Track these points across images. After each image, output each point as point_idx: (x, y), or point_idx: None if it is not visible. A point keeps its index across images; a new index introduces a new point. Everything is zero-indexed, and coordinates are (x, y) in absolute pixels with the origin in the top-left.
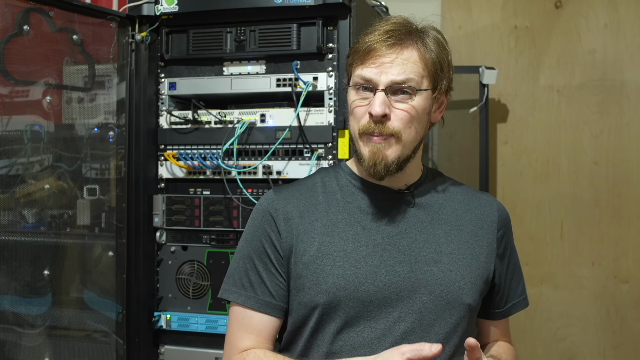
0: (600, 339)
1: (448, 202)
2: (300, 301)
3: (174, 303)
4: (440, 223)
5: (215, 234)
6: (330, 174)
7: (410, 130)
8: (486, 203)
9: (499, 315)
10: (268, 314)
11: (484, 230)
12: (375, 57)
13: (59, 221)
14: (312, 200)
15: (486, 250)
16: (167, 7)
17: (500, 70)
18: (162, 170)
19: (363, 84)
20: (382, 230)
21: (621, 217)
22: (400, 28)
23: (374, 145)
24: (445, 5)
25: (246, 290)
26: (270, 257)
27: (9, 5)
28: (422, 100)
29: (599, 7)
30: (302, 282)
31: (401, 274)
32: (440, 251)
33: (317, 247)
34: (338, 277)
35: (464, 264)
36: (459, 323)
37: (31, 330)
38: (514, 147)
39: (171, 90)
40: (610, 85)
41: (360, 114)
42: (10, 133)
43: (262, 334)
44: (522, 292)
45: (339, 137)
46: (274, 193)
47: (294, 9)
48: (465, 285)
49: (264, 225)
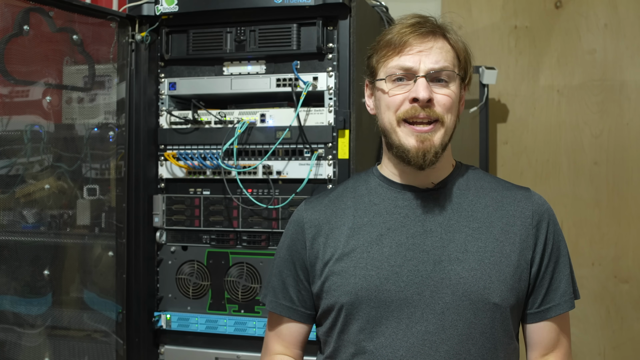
0: (600, 339)
1: (479, 199)
2: (327, 303)
3: (174, 303)
4: (468, 221)
5: (215, 234)
6: (361, 178)
7: (451, 116)
8: (522, 198)
9: (531, 317)
10: (291, 319)
11: (516, 227)
12: (412, 47)
13: (59, 221)
14: (340, 206)
15: (519, 247)
16: (167, 7)
17: (500, 70)
18: (162, 170)
19: (402, 74)
20: (407, 230)
21: (621, 217)
22: (427, 21)
23: (421, 135)
24: (445, 5)
25: (273, 296)
26: (295, 266)
27: (9, 5)
28: (456, 88)
29: (599, 7)
30: (328, 285)
31: (424, 274)
32: (466, 250)
33: (342, 250)
34: (360, 278)
35: (492, 261)
36: (486, 324)
37: (31, 330)
38: (514, 147)
39: (171, 90)
40: (610, 85)
41: (398, 102)
42: (10, 133)
43: (287, 339)
44: (565, 294)
45: (339, 137)
46: (304, 204)
47: (294, 9)
48: (492, 284)
49: (293, 236)
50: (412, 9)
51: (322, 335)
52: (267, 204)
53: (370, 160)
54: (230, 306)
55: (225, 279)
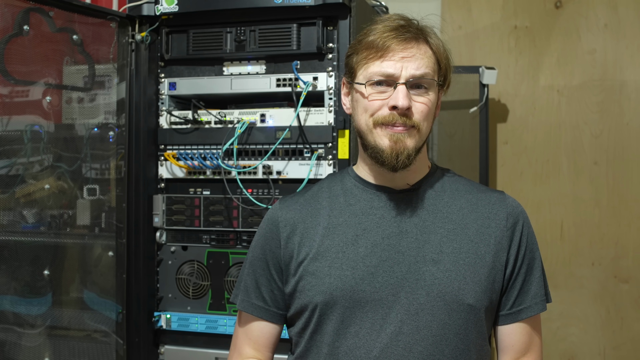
0: (600, 339)
1: (454, 201)
2: (301, 303)
3: (174, 303)
4: (443, 222)
5: (215, 234)
6: (336, 178)
7: (427, 123)
8: (496, 200)
9: (503, 319)
10: (262, 319)
11: (491, 229)
12: (394, 52)
13: (59, 221)
14: (316, 206)
15: (494, 249)
16: (167, 7)
17: (500, 70)
18: (162, 170)
19: (382, 79)
20: (383, 231)
21: (621, 217)
22: (410, 24)
23: (395, 135)
24: (445, 5)
25: (244, 295)
26: (268, 265)
27: (9, 5)
28: (434, 94)
29: (599, 7)
30: (302, 285)
31: (399, 275)
32: (441, 251)
33: (317, 250)
34: (335, 278)
35: (466, 262)
36: (460, 325)
37: (31, 330)
38: (514, 147)
39: (171, 90)
40: (610, 85)
41: (377, 107)
42: (10, 133)
43: (258, 340)
44: (536, 295)
45: (339, 137)
46: (279, 203)
47: (294, 9)
48: (467, 285)
49: (267, 234)
50: (411, 9)
51: (294, 336)
52: (267, 204)
53: None
54: (230, 306)
55: (225, 279)
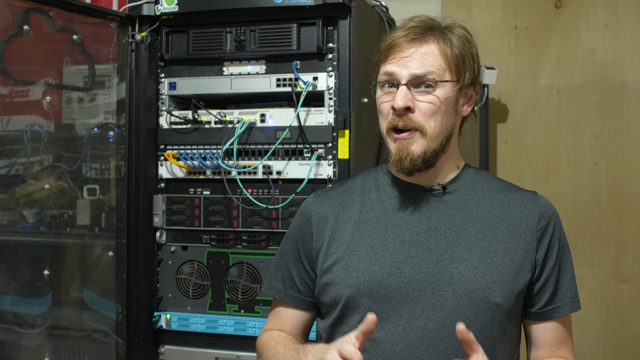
0: (600, 339)
1: (486, 200)
2: (330, 295)
3: (174, 303)
4: (473, 221)
5: (215, 234)
6: (370, 174)
7: (434, 123)
8: (529, 201)
9: (536, 316)
10: (295, 307)
11: (521, 229)
12: (396, 53)
13: (59, 221)
14: (348, 200)
15: (523, 249)
16: (167, 7)
17: (500, 70)
18: (162, 170)
19: (387, 79)
20: (412, 227)
21: (621, 217)
22: (421, 25)
23: (399, 142)
24: (445, 5)
25: (278, 284)
26: (300, 255)
27: (9, 5)
28: (445, 92)
29: (599, 7)
30: (331, 277)
31: (426, 271)
32: (469, 249)
33: (347, 244)
34: (363, 272)
35: (495, 262)
36: (486, 323)
37: (31, 330)
38: (514, 147)
39: (171, 90)
40: (610, 85)
41: (387, 111)
42: (10, 133)
43: (285, 324)
44: (571, 295)
45: (339, 137)
46: (313, 196)
47: (294, 9)
48: (494, 284)
49: (300, 227)
50: (412, 9)
51: (322, 330)
52: (267, 204)
53: (370, 160)
54: (230, 306)
55: (225, 279)
